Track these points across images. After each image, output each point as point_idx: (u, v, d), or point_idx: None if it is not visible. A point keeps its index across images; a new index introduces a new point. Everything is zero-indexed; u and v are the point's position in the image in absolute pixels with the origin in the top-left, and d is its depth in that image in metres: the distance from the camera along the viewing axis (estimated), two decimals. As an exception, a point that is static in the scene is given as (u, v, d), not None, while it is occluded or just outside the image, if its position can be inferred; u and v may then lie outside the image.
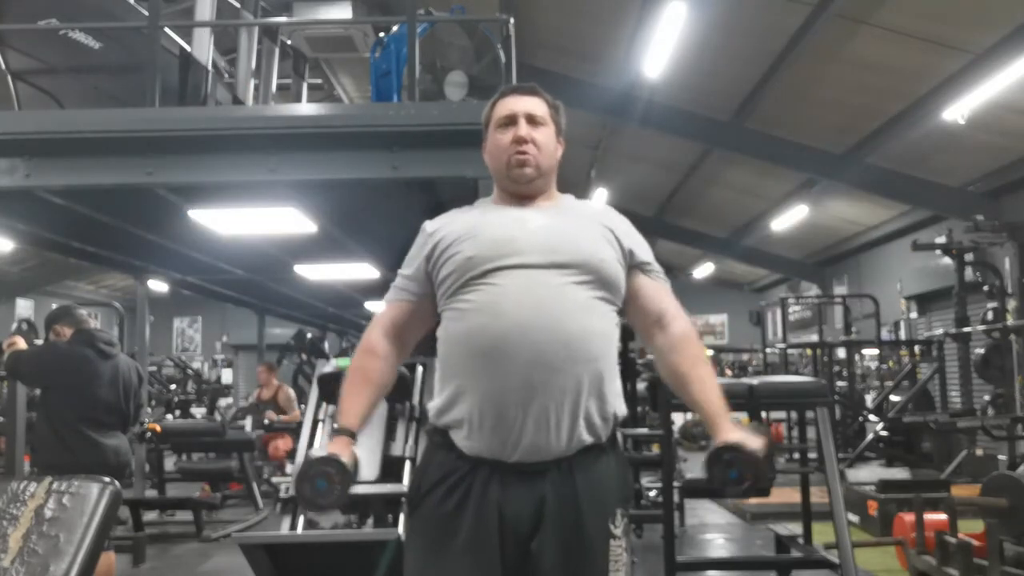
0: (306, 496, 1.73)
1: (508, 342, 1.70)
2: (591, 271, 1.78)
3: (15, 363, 4.22)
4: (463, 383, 1.74)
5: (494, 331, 1.71)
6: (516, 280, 1.74)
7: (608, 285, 1.80)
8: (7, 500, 2.68)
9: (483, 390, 1.71)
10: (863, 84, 7.81)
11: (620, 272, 1.83)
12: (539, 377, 1.69)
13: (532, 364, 1.69)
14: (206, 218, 5.06)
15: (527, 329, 1.70)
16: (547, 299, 1.73)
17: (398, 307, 1.91)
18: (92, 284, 18.66)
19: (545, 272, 1.75)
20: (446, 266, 1.81)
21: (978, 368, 7.79)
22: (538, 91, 1.93)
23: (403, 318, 1.90)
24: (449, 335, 1.80)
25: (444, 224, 1.89)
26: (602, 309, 1.79)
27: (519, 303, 1.72)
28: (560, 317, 1.72)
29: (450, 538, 1.71)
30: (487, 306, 1.74)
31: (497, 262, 1.76)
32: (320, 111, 4.73)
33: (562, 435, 1.70)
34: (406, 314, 1.90)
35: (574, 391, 1.70)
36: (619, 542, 1.76)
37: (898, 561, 4.97)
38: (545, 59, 9.36)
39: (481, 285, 1.76)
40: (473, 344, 1.73)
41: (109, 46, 4.20)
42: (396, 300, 1.91)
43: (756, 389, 3.88)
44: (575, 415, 1.71)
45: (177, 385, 13.34)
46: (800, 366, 12.95)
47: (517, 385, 1.69)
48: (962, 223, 8.45)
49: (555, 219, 1.86)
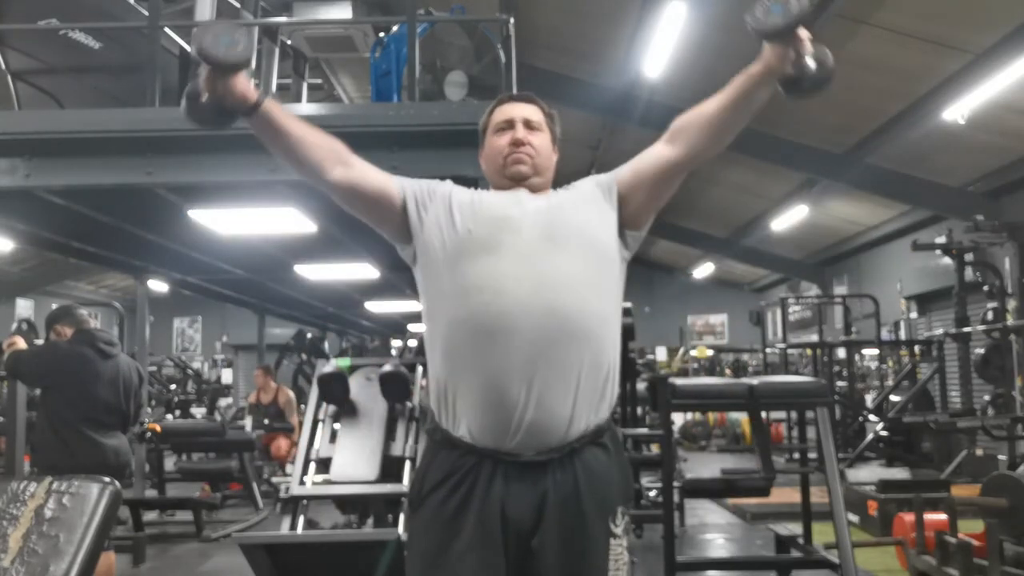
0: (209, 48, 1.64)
1: (509, 320, 1.71)
2: (589, 248, 1.80)
3: (15, 363, 4.22)
4: (464, 361, 1.75)
5: (496, 309, 1.72)
6: (515, 258, 1.75)
7: (608, 263, 1.83)
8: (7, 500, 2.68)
9: (485, 368, 1.72)
10: (863, 84, 7.80)
11: (616, 245, 1.85)
12: (541, 353, 1.70)
13: (533, 341, 1.70)
14: (206, 218, 5.07)
15: (527, 306, 1.71)
16: (546, 276, 1.74)
17: (375, 172, 1.89)
18: (92, 284, 18.66)
19: (543, 250, 1.77)
20: (444, 230, 1.81)
21: (978, 368, 7.79)
22: (535, 99, 1.96)
23: (368, 177, 1.88)
24: (447, 314, 1.78)
25: (455, 189, 1.91)
26: (601, 288, 1.81)
27: (518, 281, 1.73)
28: (559, 294, 1.73)
29: (453, 538, 1.71)
30: (487, 284, 1.74)
31: (496, 237, 1.77)
32: (320, 111, 4.73)
33: (564, 412, 1.71)
34: (372, 180, 1.88)
35: (575, 367, 1.72)
36: (620, 541, 1.76)
37: (898, 561, 4.97)
38: (545, 59, 9.35)
39: (480, 261, 1.76)
40: (475, 323, 1.73)
41: (109, 46, 4.20)
42: (380, 170, 1.90)
43: (756, 389, 3.88)
44: (576, 391, 1.72)
45: (177, 385, 13.35)
46: (800, 366, 12.96)
47: (519, 362, 1.70)
48: (962, 223, 8.45)
49: (551, 199, 1.88)
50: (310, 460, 4.68)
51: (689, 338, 18.87)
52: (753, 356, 15.44)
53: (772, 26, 1.65)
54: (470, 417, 1.74)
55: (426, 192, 1.88)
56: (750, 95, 1.78)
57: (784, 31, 1.65)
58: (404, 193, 1.88)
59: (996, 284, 7.65)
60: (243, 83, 1.73)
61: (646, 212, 1.90)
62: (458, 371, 1.76)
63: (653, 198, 1.89)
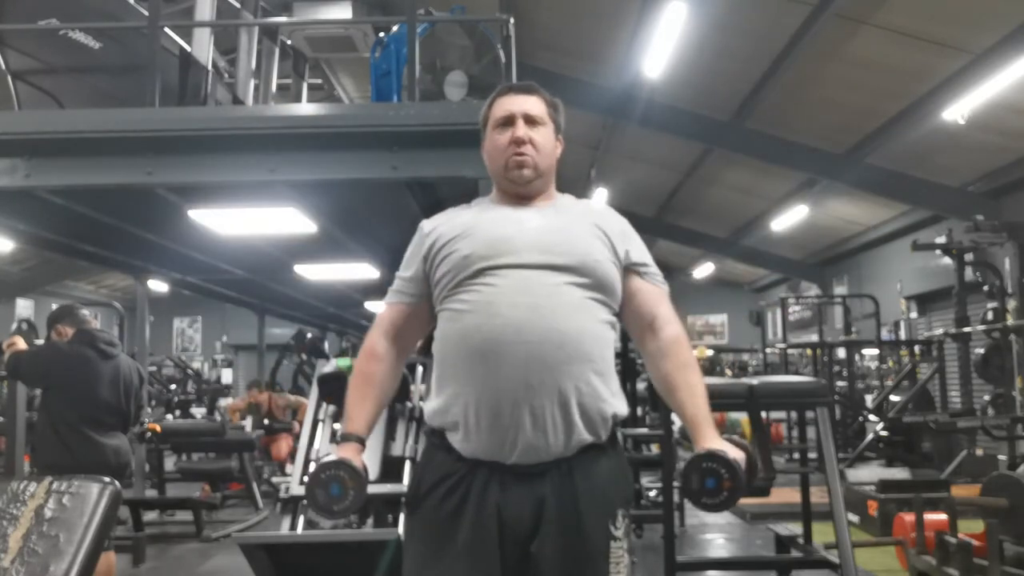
0: (320, 502, 1.70)
1: (503, 342, 1.69)
2: (587, 272, 1.77)
3: (15, 363, 4.22)
4: (459, 384, 1.74)
5: (489, 331, 1.70)
6: (511, 280, 1.74)
7: (603, 287, 1.79)
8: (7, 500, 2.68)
9: (479, 390, 1.70)
10: (863, 84, 7.81)
11: (615, 273, 1.82)
12: (535, 377, 1.68)
13: (527, 364, 1.68)
14: (206, 218, 5.06)
15: (522, 329, 1.69)
16: (542, 299, 1.72)
17: (397, 309, 1.90)
18: (92, 284, 18.66)
19: (540, 272, 1.75)
20: (443, 265, 1.81)
21: (978, 368, 7.78)
22: (536, 89, 1.91)
23: (402, 320, 1.90)
24: (445, 335, 1.79)
25: (441, 223, 1.89)
26: (597, 310, 1.78)
27: (514, 303, 1.72)
28: (555, 317, 1.71)
29: (449, 540, 1.70)
30: (482, 306, 1.73)
31: (493, 260, 1.76)
32: (320, 111, 4.73)
33: (559, 435, 1.70)
34: (405, 316, 1.90)
35: (569, 391, 1.70)
36: (620, 543, 1.75)
37: (898, 561, 4.97)
38: (545, 59, 9.35)
39: (476, 284, 1.75)
40: (468, 344, 1.72)
41: (109, 46, 4.19)
42: (395, 303, 1.91)
43: (756, 389, 3.87)
44: (571, 415, 1.70)
45: (177, 385, 13.35)
46: (800, 366, 12.95)
47: (513, 385, 1.68)
48: (962, 223, 8.44)
49: (552, 219, 1.85)
50: (310, 460, 4.68)
51: (689, 338, 18.83)
52: (753, 356, 15.44)
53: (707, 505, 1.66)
54: (464, 436, 1.73)
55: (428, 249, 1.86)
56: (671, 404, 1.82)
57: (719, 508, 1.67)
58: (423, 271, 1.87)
59: (996, 284, 7.64)
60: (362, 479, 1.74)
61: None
62: (454, 391, 1.75)
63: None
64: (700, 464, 1.63)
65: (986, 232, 7.70)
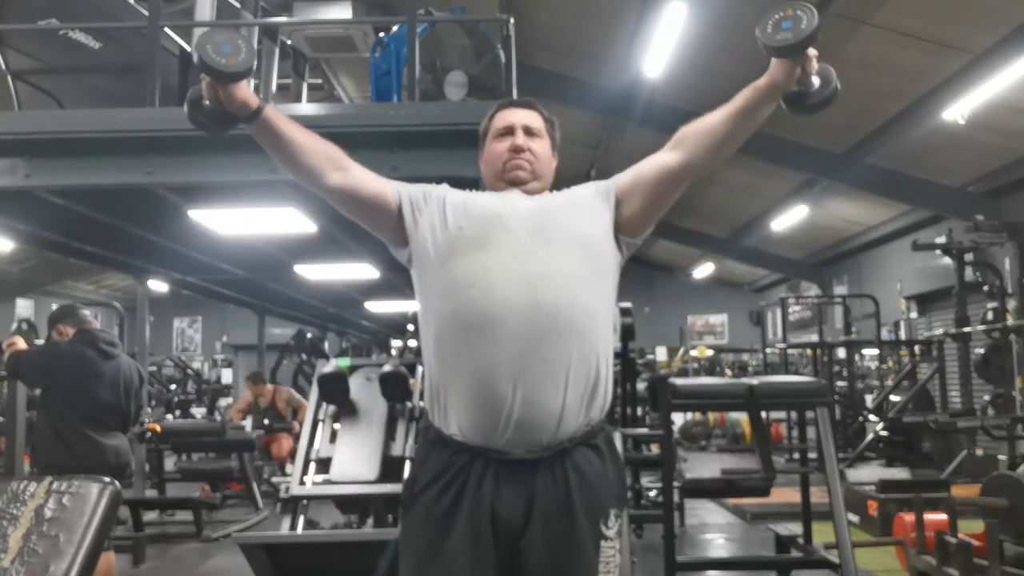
0: (210, 58, 1.66)
1: (497, 316, 1.71)
2: (579, 245, 1.80)
3: (15, 363, 4.22)
4: (455, 359, 1.75)
5: (483, 305, 1.73)
6: (504, 255, 1.77)
7: (597, 261, 1.83)
8: (7, 500, 2.68)
9: (474, 363, 1.72)
10: (863, 84, 7.80)
11: (610, 248, 1.85)
12: (528, 350, 1.70)
13: (521, 337, 1.70)
14: (206, 218, 5.06)
15: (515, 303, 1.72)
16: (534, 274, 1.75)
17: (372, 177, 1.90)
18: (92, 284, 18.66)
19: (532, 246, 1.77)
20: (436, 230, 1.83)
21: (978, 368, 7.79)
22: (535, 105, 1.98)
23: (365, 182, 1.89)
24: (439, 312, 1.80)
25: (450, 191, 1.92)
26: (590, 285, 1.80)
27: (507, 277, 1.74)
28: (547, 291, 1.74)
29: (445, 537, 1.71)
30: (475, 280, 1.75)
31: (486, 235, 1.79)
32: (320, 111, 4.73)
33: (553, 408, 1.71)
34: (369, 185, 1.89)
35: (563, 362, 1.72)
36: (612, 543, 1.75)
37: (898, 561, 4.97)
38: (545, 59, 9.35)
39: (469, 258, 1.77)
40: (463, 319, 1.74)
41: (109, 46, 4.19)
42: (377, 176, 1.91)
43: (756, 389, 3.88)
44: (564, 387, 1.72)
45: (177, 385, 13.36)
46: (800, 366, 12.96)
47: (507, 358, 1.70)
48: (962, 223, 8.45)
49: (544, 201, 1.89)
50: (310, 460, 4.69)
51: (689, 338, 18.86)
52: (753, 356, 15.45)
53: (782, 42, 1.65)
54: (460, 414, 1.74)
55: (421, 195, 1.89)
56: (754, 109, 1.79)
57: (793, 48, 1.66)
58: (400, 197, 1.89)
59: (996, 284, 7.65)
60: (244, 90, 1.75)
61: (643, 219, 1.89)
62: (448, 368, 1.77)
63: (651, 205, 1.88)
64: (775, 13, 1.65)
65: (986, 232, 7.71)
